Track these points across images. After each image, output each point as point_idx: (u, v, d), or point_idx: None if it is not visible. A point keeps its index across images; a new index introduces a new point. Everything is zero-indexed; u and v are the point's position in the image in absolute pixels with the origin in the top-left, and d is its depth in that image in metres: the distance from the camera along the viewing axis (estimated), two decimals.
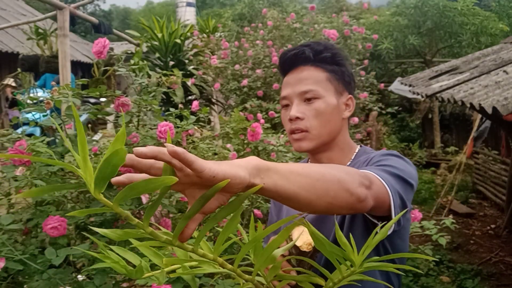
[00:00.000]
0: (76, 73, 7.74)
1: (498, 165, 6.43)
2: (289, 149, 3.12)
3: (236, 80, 5.01)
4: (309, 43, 1.08)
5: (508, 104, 2.87)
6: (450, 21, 8.89)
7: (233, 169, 0.53)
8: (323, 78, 1.04)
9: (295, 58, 1.06)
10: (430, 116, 10.07)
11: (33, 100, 1.85)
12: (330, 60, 1.05)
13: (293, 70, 1.07)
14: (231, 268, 0.61)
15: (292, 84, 1.05)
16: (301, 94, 1.03)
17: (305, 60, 1.05)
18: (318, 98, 1.03)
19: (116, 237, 0.56)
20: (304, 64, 1.05)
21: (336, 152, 1.08)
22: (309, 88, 1.02)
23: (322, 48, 1.05)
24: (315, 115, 1.02)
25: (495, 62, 4.34)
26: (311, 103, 1.03)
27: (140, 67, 1.88)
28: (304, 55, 1.04)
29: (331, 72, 1.05)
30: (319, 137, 1.03)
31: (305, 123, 1.02)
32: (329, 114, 1.03)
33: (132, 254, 0.63)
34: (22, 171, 1.52)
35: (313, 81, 1.03)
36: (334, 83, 1.05)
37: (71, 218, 1.52)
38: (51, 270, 1.37)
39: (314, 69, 1.05)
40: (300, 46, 1.07)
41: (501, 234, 5.21)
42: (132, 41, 5.95)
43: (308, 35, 5.17)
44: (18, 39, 9.45)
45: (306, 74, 1.04)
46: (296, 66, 1.06)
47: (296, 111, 1.02)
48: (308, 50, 1.04)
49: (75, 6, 4.44)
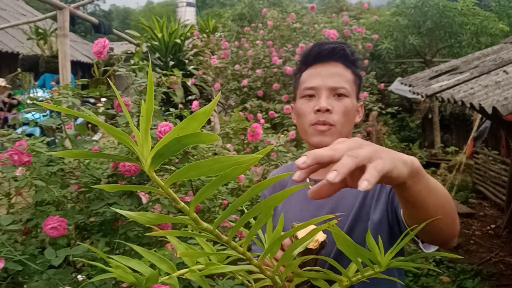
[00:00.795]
0: (76, 73, 7.73)
1: (498, 165, 6.42)
2: (289, 149, 3.12)
3: (236, 80, 5.01)
4: (343, 42, 1.09)
5: (508, 104, 2.87)
6: (450, 21, 8.88)
7: (399, 165, 0.55)
8: (351, 79, 1.05)
9: (332, 51, 1.04)
10: (430, 116, 10.07)
11: (33, 100, 1.85)
12: (357, 65, 1.08)
13: (324, 63, 1.05)
14: (256, 264, 0.60)
15: (324, 76, 1.04)
16: (333, 89, 1.03)
17: (341, 57, 1.05)
18: (347, 96, 1.04)
19: (147, 221, 0.52)
20: (337, 60, 1.05)
21: None
22: (342, 85, 1.03)
23: (354, 51, 1.08)
24: (343, 112, 1.02)
25: (495, 62, 4.34)
26: (341, 99, 1.03)
27: (140, 67, 1.88)
28: (342, 52, 1.05)
29: (356, 76, 1.07)
30: (341, 134, 1.03)
31: (333, 117, 1.02)
32: (352, 115, 1.05)
33: (137, 262, 0.61)
34: (22, 171, 1.51)
35: (345, 79, 1.04)
36: (356, 87, 1.07)
37: (71, 218, 1.52)
38: (50, 270, 1.37)
39: (344, 68, 1.05)
40: (337, 42, 1.07)
41: (501, 234, 5.21)
42: (132, 41, 5.95)
43: (308, 35, 5.17)
44: (18, 39, 9.45)
45: (339, 71, 1.04)
46: (329, 60, 1.05)
47: (327, 103, 1.01)
48: (347, 48, 1.05)
49: (75, 6, 4.44)
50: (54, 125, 1.68)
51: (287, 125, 3.86)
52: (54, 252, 1.35)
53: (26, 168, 1.54)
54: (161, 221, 0.53)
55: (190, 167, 0.46)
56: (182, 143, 0.45)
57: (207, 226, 0.54)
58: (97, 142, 2.04)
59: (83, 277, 1.56)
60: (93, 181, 1.68)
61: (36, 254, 1.41)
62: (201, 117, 0.46)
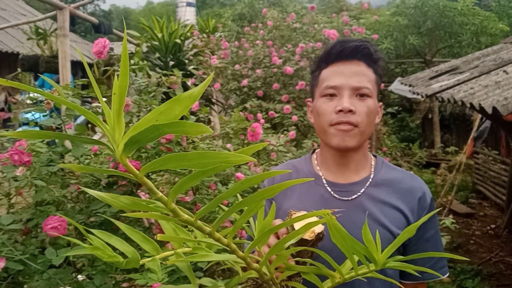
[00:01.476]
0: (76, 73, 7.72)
1: (498, 165, 6.42)
2: (289, 149, 3.12)
3: (236, 80, 5.01)
4: (367, 40, 1.04)
5: (508, 104, 2.87)
6: (450, 21, 8.88)
7: None
8: (373, 79, 1.02)
9: (356, 50, 1.00)
10: (430, 116, 10.07)
11: (33, 100, 1.85)
12: (379, 64, 1.04)
13: (347, 61, 1.01)
14: (242, 256, 0.59)
15: (347, 75, 0.99)
16: (356, 89, 0.99)
17: (364, 56, 1.01)
18: (370, 97, 1.00)
19: (121, 206, 0.49)
20: (360, 59, 1.01)
21: (362, 157, 1.05)
22: (366, 85, 0.99)
23: (378, 50, 1.04)
24: (367, 113, 0.99)
25: (495, 62, 4.34)
26: (364, 100, 0.99)
27: (140, 67, 1.88)
28: (366, 50, 1.01)
29: (378, 76, 1.03)
30: (363, 136, 1.00)
31: (356, 117, 0.97)
32: (374, 115, 1.02)
33: (118, 239, 0.57)
34: (22, 171, 1.51)
35: (368, 79, 1.00)
36: (377, 87, 1.04)
37: (71, 218, 1.52)
38: (51, 270, 1.37)
39: (366, 68, 1.01)
40: (360, 40, 1.02)
41: (501, 234, 5.21)
42: (132, 41, 5.95)
43: (308, 35, 5.17)
44: (18, 39, 9.44)
45: (362, 70, 1.00)
46: (352, 59, 1.01)
47: (350, 103, 0.97)
48: (371, 47, 1.01)
49: (75, 6, 4.44)
50: (54, 125, 1.68)
51: (287, 125, 3.86)
52: (55, 252, 1.35)
53: (27, 168, 1.54)
54: (135, 207, 0.50)
55: (170, 157, 0.42)
56: (160, 131, 0.40)
57: (187, 218, 0.52)
58: None
59: (83, 277, 1.56)
60: (93, 181, 1.68)
61: (37, 254, 1.41)
62: (185, 102, 0.42)
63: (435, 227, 1.03)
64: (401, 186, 1.02)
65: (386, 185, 1.02)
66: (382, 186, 1.02)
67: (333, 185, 1.03)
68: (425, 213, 0.99)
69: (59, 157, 1.66)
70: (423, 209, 1.00)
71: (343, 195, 1.01)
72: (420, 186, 1.03)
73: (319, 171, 1.07)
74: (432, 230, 1.02)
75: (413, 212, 0.99)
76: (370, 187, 1.02)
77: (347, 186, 1.02)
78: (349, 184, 1.02)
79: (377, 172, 1.05)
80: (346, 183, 1.03)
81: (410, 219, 0.98)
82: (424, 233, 1.01)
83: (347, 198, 1.01)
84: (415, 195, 1.00)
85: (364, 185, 1.02)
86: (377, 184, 1.02)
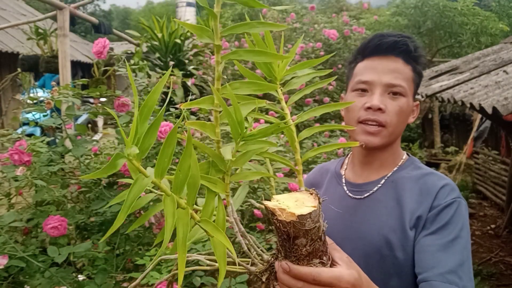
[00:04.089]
0: (76, 73, 7.73)
1: (498, 165, 6.42)
2: (289, 149, 3.12)
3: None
4: (407, 35, 0.99)
5: (508, 104, 2.87)
6: (450, 21, 8.88)
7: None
8: (410, 77, 0.97)
9: (393, 45, 0.96)
10: (430, 116, 10.07)
11: (33, 100, 1.85)
12: (419, 61, 0.99)
13: (383, 56, 0.97)
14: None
15: (380, 71, 0.96)
16: (389, 86, 0.95)
17: (402, 52, 0.96)
18: (404, 96, 0.96)
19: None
20: (398, 55, 0.96)
21: (389, 156, 1.01)
22: (400, 83, 0.95)
23: (418, 46, 0.98)
24: (397, 112, 0.95)
25: (495, 62, 4.34)
26: (396, 98, 0.95)
27: (140, 67, 1.88)
28: (405, 47, 0.96)
29: (416, 74, 0.99)
30: (391, 136, 0.97)
31: (386, 117, 0.94)
32: (406, 115, 0.97)
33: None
34: (22, 171, 1.52)
35: (403, 77, 0.96)
36: (414, 86, 0.99)
37: (71, 218, 1.52)
38: (52, 268, 1.37)
39: (404, 65, 0.97)
40: (400, 35, 0.97)
41: (501, 234, 5.21)
42: (132, 41, 5.95)
43: (308, 35, 5.17)
44: (18, 39, 9.44)
45: (399, 67, 0.96)
46: (388, 54, 0.97)
47: (380, 101, 0.94)
48: (410, 43, 0.97)
49: (75, 6, 4.44)
50: (54, 125, 1.68)
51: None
52: (57, 250, 1.35)
53: (27, 167, 1.54)
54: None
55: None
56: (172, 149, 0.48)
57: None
58: (97, 142, 2.04)
59: (83, 277, 1.56)
60: (93, 181, 1.68)
61: (37, 253, 1.41)
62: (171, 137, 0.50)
63: (454, 233, 0.88)
64: (418, 185, 0.95)
65: (401, 184, 0.97)
66: (397, 185, 0.97)
67: (350, 185, 1.04)
68: (435, 211, 0.90)
69: (59, 157, 1.66)
70: (434, 208, 0.91)
71: (357, 194, 1.01)
72: (439, 184, 0.94)
73: (343, 171, 1.09)
74: (449, 236, 0.87)
75: (426, 211, 0.92)
76: (383, 186, 0.99)
77: (362, 185, 1.02)
78: (365, 183, 1.02)
79: (398, 171, 1.01)
80: (362, 183, 1.02)
81: (422, 219, 0.91)
82: (435, 235, 0.88)
83: (359, 196, 1.01)
84: (431, 194, 0.93)
85: (377, 184, 1.00)
86: (391, 183, 0.99)
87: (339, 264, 0.66)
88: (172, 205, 0.56)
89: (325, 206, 1.04)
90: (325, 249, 0.65)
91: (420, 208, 0.92)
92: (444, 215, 0.89)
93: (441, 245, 0.86)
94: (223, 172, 0.69)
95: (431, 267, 0.84)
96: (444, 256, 0.85)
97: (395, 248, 0.90)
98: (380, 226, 0.94)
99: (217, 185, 0.67)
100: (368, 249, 0.93)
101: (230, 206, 0.70)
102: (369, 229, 0.95)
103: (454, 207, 0.90)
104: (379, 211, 0.96)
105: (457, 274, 0.84)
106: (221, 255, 0.60)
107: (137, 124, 0.53)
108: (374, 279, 0.83)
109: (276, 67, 0.80)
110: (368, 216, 0.96)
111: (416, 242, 0.90)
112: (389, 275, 0.91)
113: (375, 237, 0.93)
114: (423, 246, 0.88)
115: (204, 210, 0.63)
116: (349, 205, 1.01)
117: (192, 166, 0.58)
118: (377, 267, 0.92)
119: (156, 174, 0.56)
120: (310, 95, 4.48)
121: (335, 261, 0.66)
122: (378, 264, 0.92)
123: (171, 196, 0.56)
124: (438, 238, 0.87)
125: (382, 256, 0.91)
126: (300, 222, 0.59)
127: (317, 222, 0.62)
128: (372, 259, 0.92)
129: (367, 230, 0.95)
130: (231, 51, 0.69)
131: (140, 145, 0.52)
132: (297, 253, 0.63)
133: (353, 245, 0.93)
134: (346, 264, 0.66)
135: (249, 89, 0.74)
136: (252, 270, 0.69)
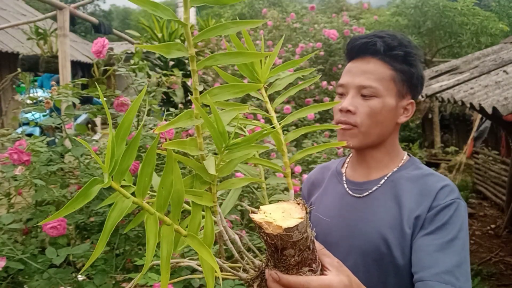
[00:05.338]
0: (76, 73, 7.72)
1: (498, 165, 6.42)
2: (289, 149, 3.12)
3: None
4: (384, 34, 0.98)
5: (508, 104, 2.87)
6: (450, 21, 8.88)
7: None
8: (387, 77, 0.96)
9: (364, 47, 0.97)
10: (430, 116, 10.07)
11: (33, 100, 1.85)
12: (401, 59, 0.97)
13: (358, 58, 0.98)
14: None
15: (353, 74, 0.97)
16: (359, 88, 0.96)
17: (374, 53, 0.96)
18: (376, 96, 0.95)
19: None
20: (372, 56, 0.97)
21: (382, 154, 1.02)
22: (369, 84, 0.95)
23: (396, 44, 0.97)
24: (368, 114, 0.95)
25: (495, 62, 4.34)
26: (367, 100, 0.95)
27: (140, 67, 1.88)
28: (374, 47, 0.96)
29: (398, 72, 0.97)
30: (367, 136, 0.97)
31: (355, 118, 0.95)
32: (383, 116, 0.96)
33: None
34: (21, 171, 1.51)
35: (376, 77, 0.95)
36: (398, 84, 0.97)
37: (71, 218, 1.52)
38: (51, 269, 1.37)
39: (381, 64, 0.96)
40: (373, 35, 0.98)
41: (501, 234, 5.21)
42: (132, 41, 5.95)
43: (308, 35, 5.17)
44: (18, 39, 9.44)
45: (372, 67, 0.96)
46: (362, 56, 0.98)
47: (349, 103, 0.95)
48: (380, 42, 0.96)
49: (75, 6, 4.44)
50: (54, 124, 1.68)
51: (287, 125, 3.85)
52: (55, 251, 1.35)
53: (26, 167, 1.54)
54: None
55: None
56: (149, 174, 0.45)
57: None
58: (97, 142, 2.04)
59: (83, 277, 1.56)
60: None
61: (36, 254, 1.41)
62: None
63: (453, 233, 0.87)
64: (418, 185, 0.95)
65: (400, 184, 0.97)
66: (397, 185, 0.97)
67: (351, 183, 1.05)
68: (434, 211, 0.90)
69: (59, 156, 1.66)
70: (433, 208, 0.90)
71: (357, 192, 1.02)
72: (438, 185, 0.93)
73: (344, 169, 1.10)
74: (448, 236, 0.87)
75: (425, 211, 0.91)
76: (383, 186, 0.99)
77: (363, 184, 1.02)
78: (365, 182, 1.02)
79: (398, 171, 1.00)
80: (362, 181, 1.03)
81: (420, 219, 0.90)
82: (433, 235, 0.88)
83: (359, 195, 1.01)
84: (430, 195, 0.92)
85: (378, 183, 1.00)
86: (391, 182, 0.99)
87: (329, 270, 0.67)
88: (154, 224, 0.56)
89: (325, 203, 1.06)
90: (314, 257, 0.65)
91: (419, 208, 0.92)
92: (442, 216, 0.89)
93: (439, 245, 0.86)
94: (209, 183, 0.68)
95: (427, 267, 0.84)
96: (441, 256, 0.84)
97: (392, 246, 0.91)
98: (379, 225, 0.94)
99: (203, 198, 0.66)
100: (366, 247, 0.94)
101: (219, 215, 0.70)
102: (367, 227, 0.96)
103: (453, 208, 0.90)
104: (378, 210, 0.96)
105: (454, 275, 0.83)
106: (208, 269, 0.61)
107: (113, 147, 0.51)
108: (372, 277, 0.81)
109: (258, 69, 0.79)
110: (367, 215, 0.97)
111: (414, 241, 0.90)
112: (387, 273, 0.92)
113: (373, 235, 0.94)
114: (420, 246, 0.88)
115: (191, 224, 0.63)
116: (349, 203, 1.02)
117: (175, 181, 0.58)
118: (375, 265, 0.92)
119: (138, 194, 0.55)
120: (310, 95, 4.48)
121: (325, 267, 0.67)
122: (376, 262, 0.92)
123: (154, 214, 0.56)
124: (436, 238, 0.87)
125: (380, 254, 0.92)
126: (287, 235, 0.60)
127: (305, 232, 0.62)
128: (370, 257, 0.93)
129: (366, 228, 0.96)
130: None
131: (118, 167, 0.52)
132: (286, 263, 0.63)
133: (351, 243, 0.96)
134: (336, 269, 0.67)
135: (229, 92, 0.70)
136: (244, 277, 0.69)
